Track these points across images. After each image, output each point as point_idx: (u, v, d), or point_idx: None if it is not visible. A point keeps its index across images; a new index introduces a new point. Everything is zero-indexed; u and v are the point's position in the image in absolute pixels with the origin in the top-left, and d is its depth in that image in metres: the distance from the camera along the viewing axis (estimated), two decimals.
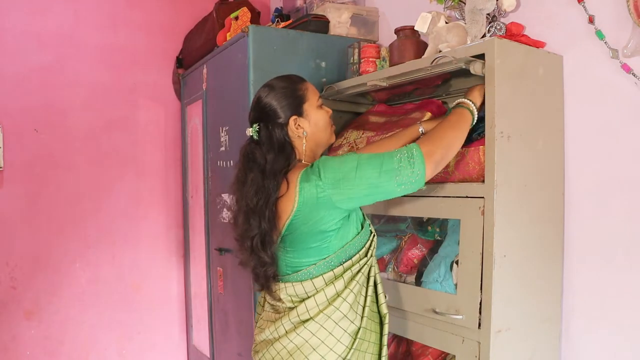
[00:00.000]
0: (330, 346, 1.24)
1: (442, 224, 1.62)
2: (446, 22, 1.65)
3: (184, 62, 2.67)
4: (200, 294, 2.56)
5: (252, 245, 1.29)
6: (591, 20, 1.43)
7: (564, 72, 1.51)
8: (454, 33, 1.59)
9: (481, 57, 1.35)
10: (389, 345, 1.75)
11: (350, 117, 2.01)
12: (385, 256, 1.76)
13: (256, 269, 1.31)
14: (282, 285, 1.31)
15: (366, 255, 1.32)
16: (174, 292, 2.79)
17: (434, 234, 1.66)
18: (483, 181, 1.35)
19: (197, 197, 2.54)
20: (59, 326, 2.47)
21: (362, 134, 1.78)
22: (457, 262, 1.43)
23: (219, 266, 2.30)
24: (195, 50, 2.50)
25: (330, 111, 1.41)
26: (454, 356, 1.42)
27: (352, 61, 1.96)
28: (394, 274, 1.69)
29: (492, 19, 1.58)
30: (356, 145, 1.77)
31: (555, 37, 1.52)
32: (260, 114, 1.34)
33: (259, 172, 1.29)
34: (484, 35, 1.55)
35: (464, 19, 1.60)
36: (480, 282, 1.33)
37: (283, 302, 1.31)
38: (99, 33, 2.54)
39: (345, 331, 1.25)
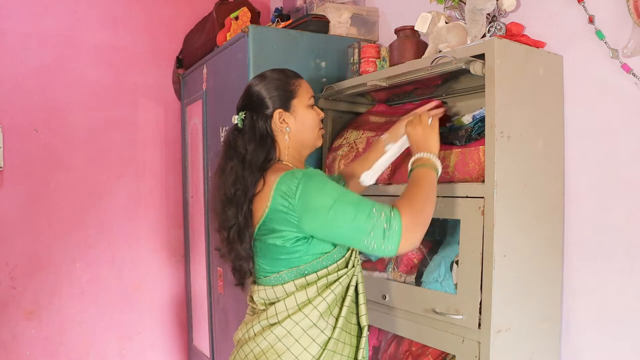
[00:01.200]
0: (296, 354, 1.18)
1: (442, 224, 1.62)
2: (446, 22, 1.65)
3: (184, 62, 2.67)
4: (200, 294, 2.56)
5: (229, 237, 1.24)
6: (591, 20, 1.43)
7: (564, 72, 1.51)
8: (454, 33, 1.59)
9: (481, 57, 1.35)
10: (388, 346, 1.75)
11: (350, 117, 2.01)
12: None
13: (233, 262, 1.28)
14: (256, 287, 1.28)
15: (346, 267, 1.25)
16: (174, 292, 2.79)
17: (434, 234, 1.66)
18: (483, 181, 1.35)
19: (197, 197, 2.54)
20: (59, 326, 2.47)
21: (362, 134, 1.79)
22: (457, 262, 1.43)
23: (219, 266, 2.30)
24: (195, 50, 2.50)
25: (322, 114, 1.36)
26: (454, 356, 1.42)
27: (352, 61, 1.96)
28: (394, 274, 1.69)
29: (492, 19, 1.58)
30: (356, 145, 1.77)
31: (555, 37, 1.52)
32: (248, 102, 1.31)
33: (239, 161, 1.24)
34: (484, 35, 1.55)
35: (464, 19, 1.60)
36: (480, 282, 1.33)
37: (257, 305, 1.28)
38: (99, 33, 2.54)
39: (314, 340, 1.19)
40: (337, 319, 1.23)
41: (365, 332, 1.27)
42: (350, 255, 1.27)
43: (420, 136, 1.34)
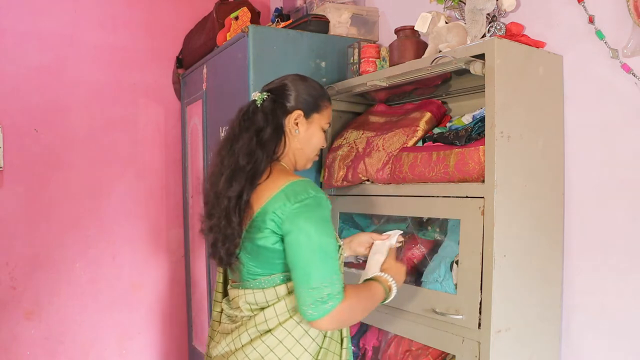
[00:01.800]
0: None
1: (442, 224, 1.62)
2: (446, 22, 1.65)
3: (184, 62, 2.67)
4: (200, 294, 2.56)
5: (228, 206, 1.18)
6: (591, 20, 1.43)
7: (564, 72, 1.51)
8: (454, 33, 1.59)
9: (481, 57, 1.35)
10: (388, 346, 1.75)
11: (350, 117, 2.01)
12: None
13: (217, 241, 1.22)
14: (241, 292, 1.23)
15: None
16: (174, 292, 2.79)
17: (434, 234, 1.66)
18: (483, 181, 1.35)
19: (197, 197, 2.54)
20: (59, 326, 2.47)
21: (362, 134, 1.79)
22: (457, 262, 1.43)
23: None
24: (195, 50, 2.50)
25: (325, 144, 1.39)
26: (454, 356, 1.42)
27: (352, 61, 1.96)
28: None
29: (492, 19, 1.58)
30: (356, 145, 1.77)
31: (555, 37, 1.52)
32: (277, 88, 1.31)
33: (254, 134, 1.22)
34: (484, 35, 1.55)
35: (464, 19, 1.60)
36: (480, 282, 1.33)
37: (241, 311, 1.22)
38: (99, 33, 2.54)
39: (306, 350, 1.17)
40: None
41: (345, 344, 1.25)
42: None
43: (399, 268, 1.35)
